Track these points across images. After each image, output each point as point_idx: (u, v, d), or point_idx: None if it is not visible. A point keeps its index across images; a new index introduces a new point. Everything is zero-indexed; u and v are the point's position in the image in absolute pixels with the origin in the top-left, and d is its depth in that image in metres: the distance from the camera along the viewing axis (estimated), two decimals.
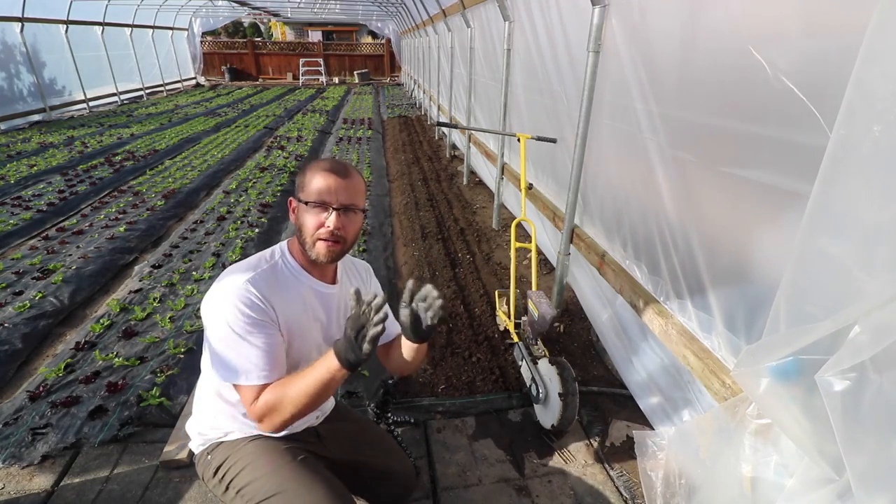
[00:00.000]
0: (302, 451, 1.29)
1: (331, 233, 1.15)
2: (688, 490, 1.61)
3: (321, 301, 1.28)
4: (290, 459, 1.24)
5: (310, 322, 1.27)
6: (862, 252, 0.95)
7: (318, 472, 1.24)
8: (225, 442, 1.29)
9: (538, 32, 3.21)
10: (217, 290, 1.15)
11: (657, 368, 2.11)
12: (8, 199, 4.99)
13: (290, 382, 1.10)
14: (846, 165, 0.96)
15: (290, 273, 1.23)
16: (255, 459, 1.24)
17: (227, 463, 1.26)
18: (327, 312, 1.30)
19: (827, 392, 0.96)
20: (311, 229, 1.16)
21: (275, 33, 29.39)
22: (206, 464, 1.30)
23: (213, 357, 1.15)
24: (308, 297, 1.25)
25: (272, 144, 8.13)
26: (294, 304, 1.21)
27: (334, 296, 1.31)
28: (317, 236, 1.16)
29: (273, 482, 1.19)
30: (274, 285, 1.18)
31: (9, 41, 9.57)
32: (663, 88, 1.88)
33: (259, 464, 1.23)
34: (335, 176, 1.16)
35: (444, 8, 6.80)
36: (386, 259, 4.00)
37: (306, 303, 1.25)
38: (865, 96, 0.91)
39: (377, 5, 14.15)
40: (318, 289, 1.27)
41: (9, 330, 2.74)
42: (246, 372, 1.11)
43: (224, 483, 1.25)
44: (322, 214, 1.15)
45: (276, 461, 1.23)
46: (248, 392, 1.13)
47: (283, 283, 1.20)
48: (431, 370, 2.59)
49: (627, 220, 2.27)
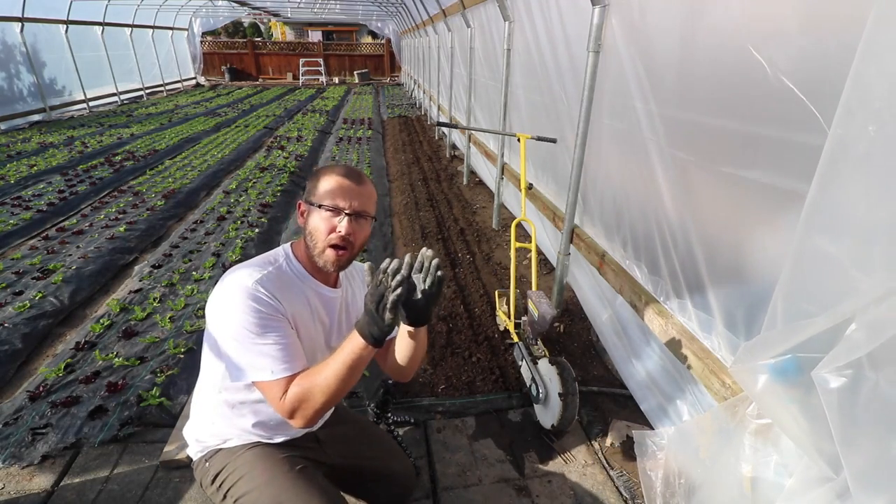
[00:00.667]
0: (301, 459, 1.28)
1: (342, 237, 1.16)
2: (687, 490, 1.61)
3: (324, 304, 1.28)
4: (288, 469, 1.23)
5: (314, 325, 1.26)
6: (857, 250, 0.95)
7: (316, 483, 1.23)
8: (223, 449, 1.28)
9: (538, 32, 3.21)
10: (224, 291, 1.14)
11: (657, 368, 2.11)
12: (8, 199, 4.99)
13: (316, 371, 1.09)
14: (842, 164, 0.97)
15: (295, 276, 1.23)
16: (252, 469, 1.23)
17: (226, 471, 1.25)
18: (330, 316, 1.30)
19: (823, 389, 0.97)
20: (324, 233, 1.16)
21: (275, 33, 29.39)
22: (204, 471, 1.29)
23: (225, 359, 1.14)
24: (312, 299, 1.25)
25: (272, 144, 8.12)
26: (299, 306, 1.21)
27: (337, 299, 1.31)
28: (328, 242, 1.16)
29: (270, 493, 1.18)
30: (280, 287, 1.17)
31: (9, 41, 9.57)
32: (663, 88, 1.88)
33: (256, 473, 1.22)
34: (350, 181, 1.17)
35: (444, 8, 6.80)
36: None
37: (311, 305, 1.24)
38: (861, 95, 0.91)
39: (377, 5, 14.15)
40: (322, 292, 1.27)
41: (9, 330, 2.74)
42: (267, 368, 1.10)
43: (222, 491, 1.25)
44: (334, 219, 1.16)
45: (274, 471, 1.22)
46: (273, 388, 1.10)
47: (288, 285, 1.20)
48: (431, 370, 2.59)
49: (627, 220, 2.27)
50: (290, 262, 1.24)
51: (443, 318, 3.05)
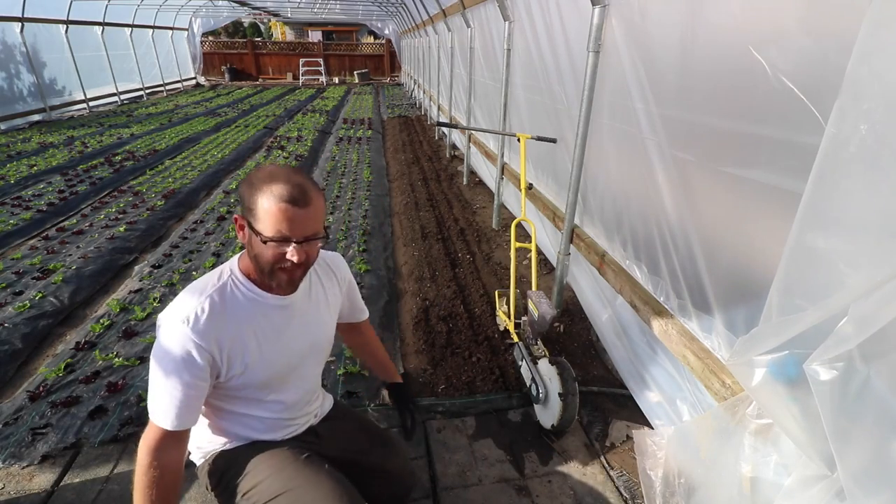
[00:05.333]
0: (304, 449, 1.30)
1: (293, 264, 1.09)
2: (687, 489, 1.61)
3: (280, 314, 1.22)
4: (293, 458, 1.24)
5: (277, 337, 1.22)
6: (847, 246, 0.97)
7: (323, 468, 1.24)
8: (224, 451, 1.29)
9: (538, 32, 3.21)
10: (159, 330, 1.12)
11: (657, 368, 2.11)
12: (8, 199, 5.00)
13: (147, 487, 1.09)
14: (835, 163, 0.98)
15: (242, 296, 1.16)
16: (258, 463, 1.24)
17: (230, 471, 1.26)
18: (288, 321, 1.24)
19: (814, 381, 0.99)
20: (270, 261, 1.08)
21: (275, 33, 29.38)
22: (208, 475, 1.30)
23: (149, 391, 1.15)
24: (267, 316, 1.19)
25: (272, 144, 8.13)
26: (248, 329, 1.16)
27: (292, 304, 1.24)
28: (277, 266, 1.09)
29: (278, 481, 1.19)
30: (219, 320, 1.11)
31: (9, 41, 9.57)
32: (663, 88, 1.88)
33: (262, 466, 1.23)
34: (295, 207, 1.03)
35: (444, 8, 6.80)
36: (386, 259, 4.00)
37: (263, 321, 1.19)
38: (855, 96, 0.93)
39: (377, 5, 14.15)
40: (275, 304, 1.20)
41: (9, 330, 2.74)
42: (156, 410, 1.10)
43: (229, 490, 1.25)
44: (283, 247, 1.06)
45: (279, 461, 1.23)
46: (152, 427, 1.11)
47: (230, 313, 1.13)
48: (431, 370, 2.59)
49: (627, 220, 2.27)
50: (236, 280, 1.17)
51: (443, 318, 3.05)
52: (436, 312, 3.13)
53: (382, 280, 3.53)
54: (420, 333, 2.91)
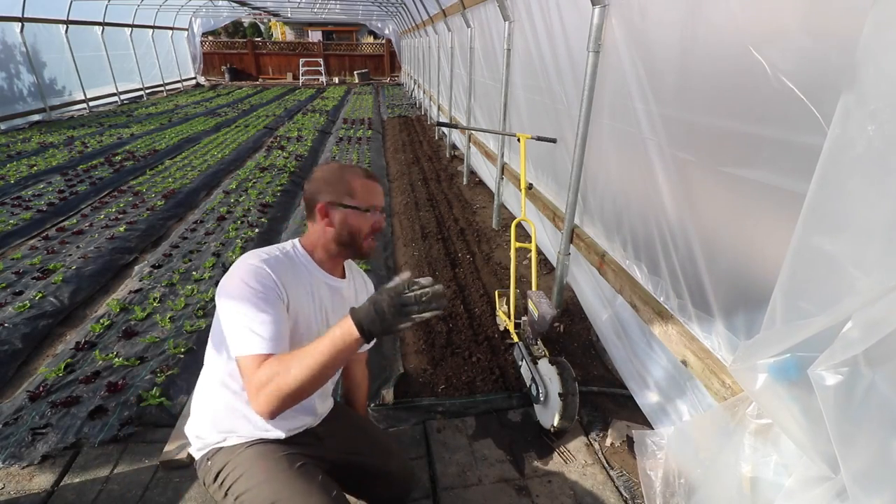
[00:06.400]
0: (300, 457, 1.28)
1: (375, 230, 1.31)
2: (687, 489, 1.61)
3: (330, 293, 1.33)
4: (287, 467, 1.23)
5: (314, 313, 1.29)
6: (855, 249, 0.96)
7: (315, 480, 1.23)
8: (224, 447, 1.29)
9: (538, 32, 3.21)
10: (232, 270, 1.19)
11: (657, 368, 2.11)
12: (8, 199, 4.99)
13: (295, 354, 1.05)
14: (840, 164, 0.97)
15: (304, 264, 1.29)
16: (252, 466, 1.24)
17: (227, 469, 1.26)
18: (333, 304, 1.34)
19: (819, 386, 0.98)
20: (367, 230, 1.29)
21: (275, 33, 29.36)
22: (206, 469, 1.30)
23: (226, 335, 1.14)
24: (318, 287, 1.30)
25: (272, 144, 8.12)
26: (302, 292, 1.25)
27: (342, 290, 1.37)
28: (368, 233, 1.30)
29: (269, 491, 1.19)
30: (287, 271, 1.22)
31: (9, 41, 9.57)
32: (663, 88, 1.88)
33: (256, 471, 1.23)
34: (375, 182, 1.33)
35: (444, 8, 6.80)
36: (386, 259, 4.00)
37: (315, 293, 1.29)
38: (860, 96, 0.91)
39: (377, 5, 14.15)
40: (329, 282, 1.33)
41: (9, 330, 2.74)
42: (249, 341, 1.08)
43: (223, 489, 1.26)
44: (373, 216, 1.30)
45: (273, 469, 1.23)
46: (249, 363, 1.07)
47: (294, 270, 1.25)
48: (431, 370, 2.59)
49: (627, 220, 2.27)
50: (298, 253, 1.31)
51: (443, 318, 3.05)
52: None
53: (383, 280, 3.52)
54: (420, 333, 2.91)
